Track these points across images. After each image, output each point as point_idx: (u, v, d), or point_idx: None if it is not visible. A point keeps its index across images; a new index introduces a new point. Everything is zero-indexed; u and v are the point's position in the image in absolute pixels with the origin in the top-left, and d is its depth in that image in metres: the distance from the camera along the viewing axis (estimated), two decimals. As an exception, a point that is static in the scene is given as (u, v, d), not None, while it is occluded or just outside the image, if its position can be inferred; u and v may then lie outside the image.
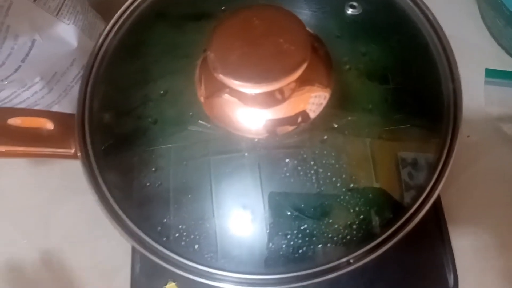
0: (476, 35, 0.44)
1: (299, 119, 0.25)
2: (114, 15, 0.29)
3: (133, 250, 0.35)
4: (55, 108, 0.40)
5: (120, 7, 0.29)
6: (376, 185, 0.24)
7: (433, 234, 0.35)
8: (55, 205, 0.41)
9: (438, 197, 0.37)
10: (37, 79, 0.37)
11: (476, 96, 0.42)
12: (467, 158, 0.40)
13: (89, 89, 0.27)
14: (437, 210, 0.36)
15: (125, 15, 0.29)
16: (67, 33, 0.38)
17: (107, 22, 0.29)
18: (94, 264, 0.38)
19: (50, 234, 0.40)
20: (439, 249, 0.34)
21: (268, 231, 0.24)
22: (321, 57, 0.25)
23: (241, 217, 0.24)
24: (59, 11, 0.38)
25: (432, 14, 0.26)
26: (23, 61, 0.35)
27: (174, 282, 0.33)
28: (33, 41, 0.36)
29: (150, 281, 0.34)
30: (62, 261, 0.39)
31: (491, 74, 0.42)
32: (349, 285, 0.33)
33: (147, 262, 0.24)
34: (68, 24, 0.38)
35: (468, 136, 0.40)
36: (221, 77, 0.22)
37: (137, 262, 0.35)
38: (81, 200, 0.37)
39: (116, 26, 0.29)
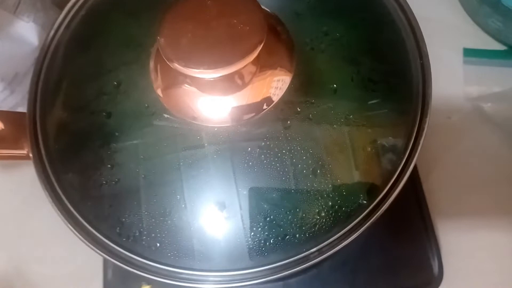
0: (452, 14, 0.43)
1: (263, 104, 0.23)
2: (70, 2, 0.27)
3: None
4: (19, 111, 0.39)
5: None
6: (347, 168, 0.23)
7: (415, 221, 0.34)
8: (26, 213, 0.39)
9: (419, 182, 0.36)
10: (-4, 81, 0.36)
11: (455, 76, 0.41)
12: (448, 139, 0.39)
13: (40, 85, 0.26)
14: (419, 195, 0.35)
15: (77, 6, 0.27)
16: (27, 31, 0.37)
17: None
18: (67, 272, 0.37)
19: (22, 242, 0.39)
20: (422, 235, 0.33)
21: (235, 224, 0.23)
22: (281, 38, 0.24)
23: (205, 211, 0.23)
24: (17, 8, 0.36)
25: (396, -12, 0.25)
26: (-20, 62, 0.34)
27: (148, 285, 0.32)
28: (-10, 41, 0.34)
29: (123, 286, 0.33)
30: (35, 269, 0.38)
31: (469, 53, 0.41)
32: (332, 277, 0.32)
33: (119, 267, 0.23)
34: (28, 22, 0.37)
35: (449, 117, 0.39)
36: (174, 63, 0.21)
37: (109, 267, 0.33)
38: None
39: (68, 17, 0.27)
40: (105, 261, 0.34)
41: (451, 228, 0.35)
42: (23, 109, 0.39)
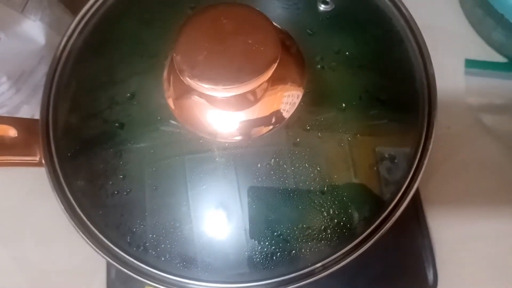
0: (455, 25, 0.43)
1: (273, 120, 0.24)
2: (83, 9, 0.27)
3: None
4: (24, 109, 0.39)
5: (88, 0, 0.28)
6: (354, 184, 0.24)
7: (412, 229, 0.35)
8: (28, 208, 0.40)
9: (417, 190, 0.36)
10: (3, 79, 0.36)
11: (456, 86, 0.41)
12: (447, 149, 0.39)
13: (53, 92, 0.26)
14: (416, 204, 0.36)
15: (90, 13, 0.27)
16: (34, 30, 0.37)
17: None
18: (69, 269, 0.37)
19: (24, 238, 0.39)
20: (418, 244, 0.34)
21: (243, 237, 0.23)
22: (292, 54, 0.24)
23: (215, 224, 0.24)
24: (24, 7, 0.36)
25: (406, 9, 0.26)
26: (-13, 61, 0.34)
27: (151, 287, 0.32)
28: (-2, 39, 0.34)
29: (126, 286, 0.33)
30: (36, 265, 0.38)
31: (471, 64, 0.42)
32: (329, 283, 0.33)
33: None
34: (35, 21, 0.37)
35: (449, 128, 0.40)
36: (188, 80, 0.21)
37: (113, 266, 0.34)
38: (55, 203, 0.36)
39: (81, 24, 0.27)
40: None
41: (446, 238, 0.36)
42: (28, 107, 0.40)
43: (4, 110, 0.38)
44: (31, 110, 0.39)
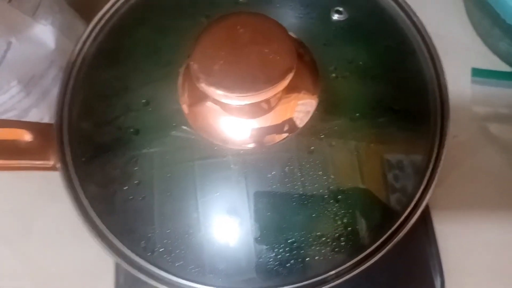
0: (463, 34, 0.43)
1: (286, 128, 0.24)
2: (93, 14, 0.28)
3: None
4: (33, 112, 0.39)
5: (99, 6, 0.28)
6: (368, 193, 0.24)
7: (420, 237, 0.35)
8: (35, 211, 0.40)
9: (425, 199, 0.37)
10: (14, 82, 0.36)
11: (462, 95, 0.42)
12: (453, 158, 0.40)
13: (67, 97, 0.26)
14: (424, 212, 0.36)
15: (104, 20, 0.28)
16: (44, 34, 0.37)
17: (86, 21, 0.28)
18: (76, 272, 0.37)
19: (31, 241, 0.39)
20: (426, 251, 0.34)
21: (255, 244, 0.23)
22: (306, 63, 0.25)
23: (228, 230, 0.24)
24: (35, 11, 0.36)
25: (419, 19, 0.26)
26: (-2, 64, 0.34)
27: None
28: (9, 44, 0.35)
29: (135, 290, 0.33)
30: (43, 268, 0.38)
31: (478, 73, 0.42)
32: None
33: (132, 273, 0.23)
34: (46, 25, 0.37)
35: (455, 137, 0.40)
36: (205, 87, 0.21)
37: (122, 270, 0.34)
38: (63, 206, 0.36)
39: (95, 31, 0.28)
40: (117, 266, 0.35)
41: (453, 245, 0.36)
42: (37, 110, 0.40)
43: (13, 113, 0.38)
44: (40, 114, 0.39)
